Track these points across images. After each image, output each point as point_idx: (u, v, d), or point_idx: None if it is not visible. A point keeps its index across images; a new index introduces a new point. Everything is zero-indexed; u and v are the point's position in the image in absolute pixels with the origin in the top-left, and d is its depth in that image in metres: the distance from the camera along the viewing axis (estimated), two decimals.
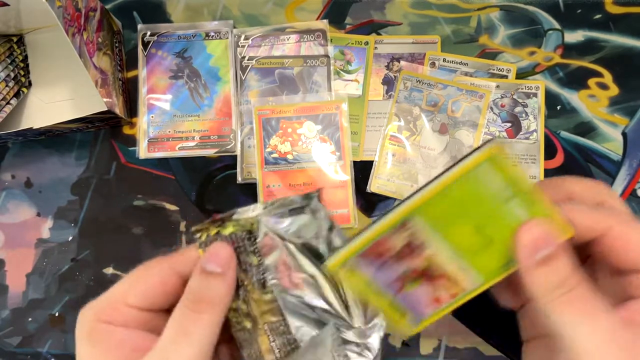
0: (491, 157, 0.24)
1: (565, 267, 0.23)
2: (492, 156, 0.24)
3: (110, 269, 0.46)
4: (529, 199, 0.24)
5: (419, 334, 0.44)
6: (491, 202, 0.24)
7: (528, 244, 0.23)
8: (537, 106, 0.47)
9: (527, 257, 0.23)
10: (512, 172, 0.24)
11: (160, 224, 0.46)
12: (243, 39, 0.48)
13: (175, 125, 0.47)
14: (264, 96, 0.47)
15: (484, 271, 0.25)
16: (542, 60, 0.48)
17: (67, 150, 0.48)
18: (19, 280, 0.46)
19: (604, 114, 0.47)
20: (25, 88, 0.46)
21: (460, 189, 0.24)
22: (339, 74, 0.48)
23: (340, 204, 0.45)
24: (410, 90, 0.47)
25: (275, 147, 0.46)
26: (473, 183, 0.24)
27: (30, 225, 0.47)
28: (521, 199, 0.24)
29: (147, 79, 0.48)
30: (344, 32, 0.49)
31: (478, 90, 0.46)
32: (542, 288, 0.23)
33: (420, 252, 0.25)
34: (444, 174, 0.24)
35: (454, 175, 0.24)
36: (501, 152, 0.24)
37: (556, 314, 0.22)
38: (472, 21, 0.49)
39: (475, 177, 0.24)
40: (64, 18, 0.36)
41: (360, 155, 0.47)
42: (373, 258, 0.25)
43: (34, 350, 0.45)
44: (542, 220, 0.24)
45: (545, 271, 0.23)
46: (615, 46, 0.48)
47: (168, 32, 0.48)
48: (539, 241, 0.23)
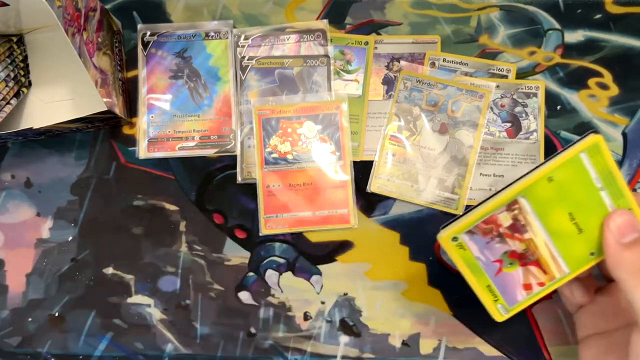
0: (591, 146, 0.26)
1: None
2: (593, 146, 0.26)
3: (110, 269, 0.46)
4: (618, 192, 0.27)
5: (418, 333, 0.44)
6: (586, 190, 0.27)
7: (616, 227, 0.26)
8: (537, 106, 0.47)
9: (615, 240, 0.26)
10: (608, 163, 0.27)
11: (160, 224, 0.46)
12: (243, 39, 0.48)
13: (175, 125, 0.47)
14: (264, 96, 0.47)
15: (571, 260, 0.28)
16: (542, 60, 0.48)
17: (67, 150, 0.48)
18: (18, 280, 0.46)
19: (604, 114, 0.47)
20: (25, 88, 0.46)
21: (562, 174, 0.26)
22: (339, 74, 0.48)
23: (340, 204, 0.45)
24: (410, 90, 0.47)
25: (275, 147, 0.46)
26: (573, 170, 0.26)
27: (30, 225, 0.47)
28: (611, 190, 0.27)
29: (147, 79, 0.48)
30: (344, 32, 0.49)
31: (478, 90, 0.46)
32: (630, 267, 0.25)
33: (522, 234, 0.27)
34: (549, 159, 0.27)
35: (559, 161, 0.26)
36: (600, 143, 0.26)
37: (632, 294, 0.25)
38: (472, 21, 0.49)
39: (576, 164, 0.26)
40: (63, 18, 0.36)
41: (360, 155, 0.47)
42: (481, 235, 0.28)
43: (34, 350, 0.45)
44: (628, 210, 0.27)
45: (634, 252, 0.25)
46: (616, 46, 0.48)
47: (168, 32, 0.48)
48: (626, 226, 0.26)
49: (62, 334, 0.45)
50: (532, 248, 0.27)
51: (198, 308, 0.45)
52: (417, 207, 0.46)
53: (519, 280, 0.28)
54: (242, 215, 0.46)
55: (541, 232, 0.27)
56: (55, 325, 0.45)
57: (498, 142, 0.46)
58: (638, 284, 0.25)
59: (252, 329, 0.45)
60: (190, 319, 0.45)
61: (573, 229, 0.27)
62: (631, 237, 0.26)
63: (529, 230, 0.27)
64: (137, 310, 0.45)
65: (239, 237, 0.46)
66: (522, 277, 0.28)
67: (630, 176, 0.46)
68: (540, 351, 0.43)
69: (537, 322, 0.43)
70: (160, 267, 0.46)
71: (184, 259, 0.46)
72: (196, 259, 0.46)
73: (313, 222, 0.45)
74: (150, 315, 0.45)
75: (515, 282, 0.28)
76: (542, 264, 0.28)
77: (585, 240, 0.27)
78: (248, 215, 0.46)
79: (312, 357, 0.44)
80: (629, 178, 0.46)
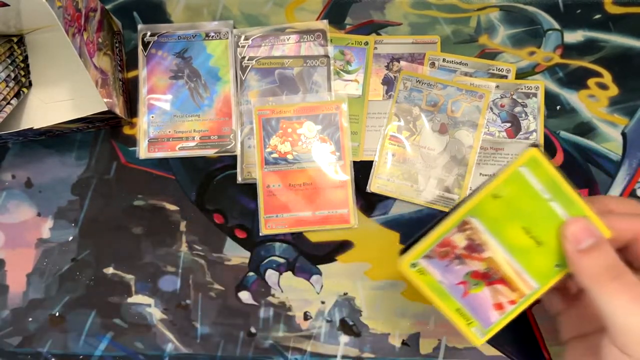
0: (529, 160, 0.26)
1: (611, 253, 0.25)
2: (530, 159, 0.26)
3: (111, 269, 0.46)
4: (568, 201, 0.26)
5: (418, 333, 0.44)
6: (535, 203, 0.26)
7: (573, 235, 0.26)
8: (536, 106, 0.47)
9: (574, 247, 0.25)
10: (551, 174, 0.26)
11: (161, 224, 0.46)
12: (243, 39, 0.48)
13: (175, 125, 0.47)
14: (264, 96, 0.47)
15: (538, 275, 0.27)
16: (542, 61, 0.48)
17: (67, 150, 0.48)
18: (19, 280, 0.46)
19: (604, 114, 0.47)
20: (25, 88, 0.46)
21: (507, 190, 0.26)
22: (339, 74, 0.48)
23: (340, 204, 0.45)
24: (410, 90, 0.47)
25: (275, 147, 0.46)
26: (517, 184, 0.26)
27: (30, 225, 0.47)
28: (561, 200, 0.26)
29: (147, 79, 0.48)
30: (344, 32, 0.49)
31: (478, 90, 0.46)
32: (591, 273, 0.25)
33: (480, 253, 0.27)
34: (493, 176, 0.27)
35: (501, 177, 0.26)
36: (538, 155, 0.26)
37: (606, 298, 0.24)
38: (472, 21, 0.49)
39: (518, 178, 0.26)
40: (64, 18, 0.36)
41: (360, 155, 0.47)
42: (439, 258, 0.27)
43: (34, 350, 0.45)
44: (582, 217, 0.26)
45: (593, 257, 0.25)
46: (615, 46, 0.48)
47: (168, 32, 0.49)
48: (581, 233, 0.26)
49: (63, 334, 0.45)
50: (493, 266, 0.27)
51: (198, 308, 0.45)
52: (417, 207, 0.46)
53: (488, 301, 0.28)
54: (242, 215, 0.46)
55: (499, 249, 0.27)
56: (56, 325, 0.45)
57: (498, 142, 0.46)
58: (601, 289, 0.24)
59: (252, 328, 0.45)
60: (190, 319, 0.45)
61: (531, 243, 0.27)
62: (588, 243, 0.25)
63: (486, 249, 0.27)
64: (138, 310, 0.45)
65: (239, 237, 0.46)
66: (490, 297, 0.28)
67: (630, 176, 0.46)
68: (540, 351, 0.43)
69: (537, 321, 0.43)
70: (161, 267, 0.46)
71: (184, 259, 0.46)
72: (196, 258, 0.46)
73: (313, 222, 0.45)
74: (151, 315, 0.45)
75: (485, 302, 0.28)
76: (508, 281, 0.27)
77: (546, 253, 0.27)
78: (248, 215, 0.46)
79: (312, 357, 0.44)
80: (629, 178, 0.46)
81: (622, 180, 0.46)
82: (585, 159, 0.46)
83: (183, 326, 0.45)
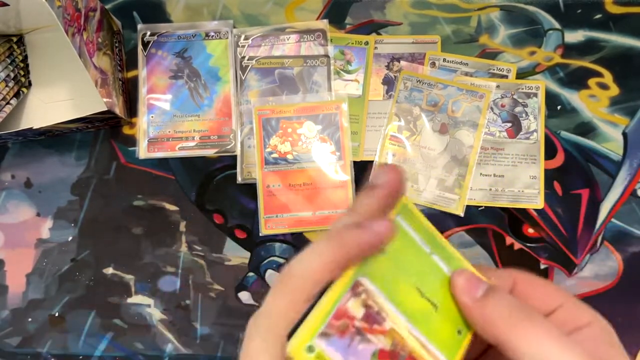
0: (401, 208, 0.24)
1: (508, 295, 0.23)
2: (402, 207, 0.24)
3: (110, 269, 0.46)
4: (445, 253, 0.24)
5: None
6: (419, 258, 0.24)
7: (465, 286, 0.23)
8: (537, 106, 0.47)
9: (471, 298, 0.23)
10: (423, 224, 0.24)
11: (160, 224, 0.46)
12: (243, 39, 0.48)
13: (175, 125, 0.47)
14: (264, 96, 0.47)
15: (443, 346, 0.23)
16: (543, 60, 0.48)
17: (67, 151, 0.48)
18: (18, 280, 0.46)
19: (604, 114, 0.47)
20: (25, 88, 0.46)
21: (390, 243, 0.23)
22: (339, 74, 0.48)
23: (340, 204, 0.45)
24: (411, 90, 0.47)
25: (275, 147, 0.46)
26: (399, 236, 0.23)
27: (30, 226, 0.47)
28: (440, 253, 0.24)
29: (147, 79, 0.48)
30: (344, 32, 0.49)
31: (478, 90, 0.46)
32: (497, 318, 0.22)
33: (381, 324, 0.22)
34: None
35: None
36: (408, 203, 0.24)
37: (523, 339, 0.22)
38: (472, 21, 0.49)
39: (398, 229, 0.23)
40: (63, 18, 0.36)
41: (361, 155, 0.47)
42: (338, 336, 0.22)
43: (33, 350, 0.45)
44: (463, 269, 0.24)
45: (494, 301, 0.23)
46: (616, 46, 0.48)
47: (168, 32, 0.48)
48: (472, 281, 0.23)
49: (62, 334, 0.45)
50: (398, 340, 0.22)
51: (198, 308, 0.45)
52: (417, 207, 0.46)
53: None
54: (242, 215, 0.46)
55: (399, 317, 0.22)
56: (55, 325, 0.45)
57: (498, 142, 0.46)
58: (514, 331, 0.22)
59: None
60: (190, 319, 0.45)
61: (428, 307, 0.23)
62: (482, 290, 0.23)
63: (385, 316, 0.22)
64: (137, 310, 0.45)
65: (239, 237, 0.46)
66: None
67: (630, 176, 0.46)
68: None
69: None
70: (160, 267, 0.46)
71: (184, 259, 0.46)
72: (196, 259, 0.46)
73: (313, 222, 0.45)
74: (150, 315, 0.45)
75: None
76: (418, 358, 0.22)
77: (445, 318, 0.23)
78: (248, 215, 0.46)
79: None
80: (630, 178, 0.46)
81: (622, 180, 0.46)
82: (585, 159, 0.46)
83: (183, 326, 0.45)
